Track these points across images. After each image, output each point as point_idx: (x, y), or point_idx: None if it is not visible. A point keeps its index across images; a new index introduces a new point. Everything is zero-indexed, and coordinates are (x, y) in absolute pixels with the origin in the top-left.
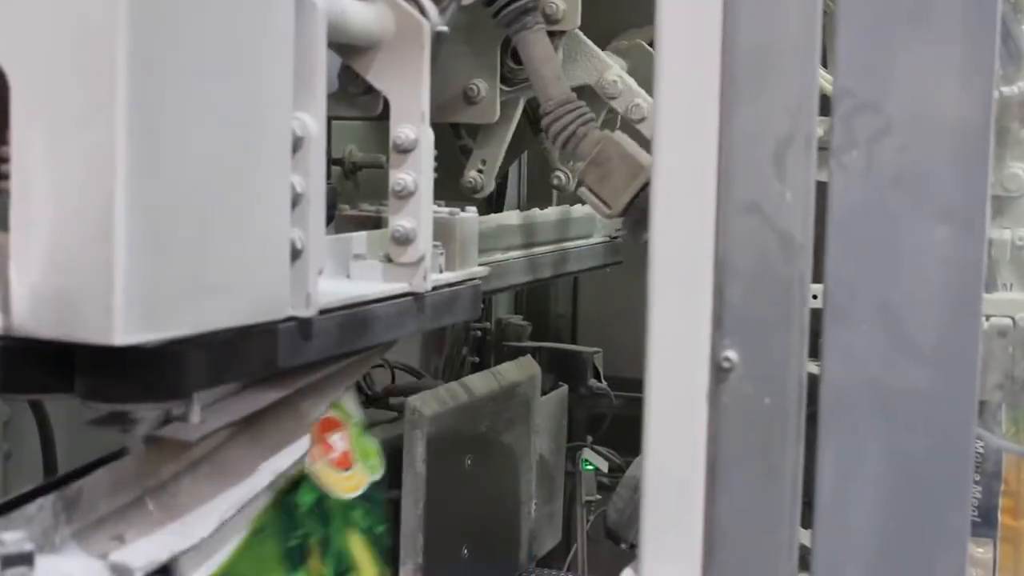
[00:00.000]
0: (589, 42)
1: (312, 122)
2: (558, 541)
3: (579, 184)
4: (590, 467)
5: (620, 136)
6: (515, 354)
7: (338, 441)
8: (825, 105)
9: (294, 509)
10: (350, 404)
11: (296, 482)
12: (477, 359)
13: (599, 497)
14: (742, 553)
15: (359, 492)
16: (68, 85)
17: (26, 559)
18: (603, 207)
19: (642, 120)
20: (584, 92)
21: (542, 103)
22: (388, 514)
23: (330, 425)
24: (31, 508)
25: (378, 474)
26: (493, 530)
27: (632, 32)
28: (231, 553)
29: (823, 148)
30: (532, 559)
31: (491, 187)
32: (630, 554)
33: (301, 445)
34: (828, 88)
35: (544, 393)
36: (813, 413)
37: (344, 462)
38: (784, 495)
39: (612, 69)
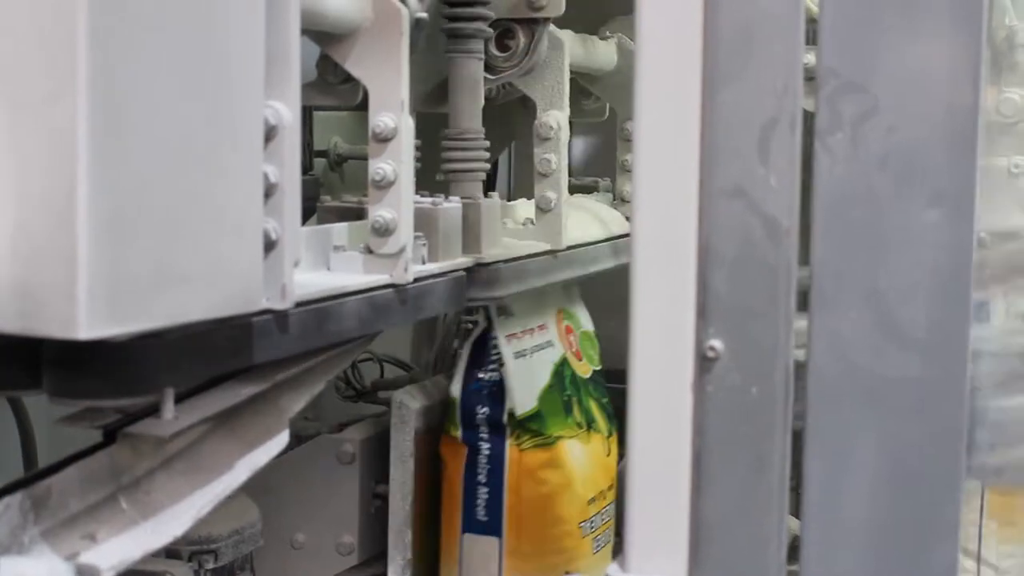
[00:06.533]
0: None
1: (286, 110)
2: None
3: None
4: None
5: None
6: None
7: (574, 340)
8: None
9: (563, 377)
10: (581, 314)
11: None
12: None
13: None
14: (730, 544)
15: (588, 375)
16: (29, 66)
17: None
18: None
19: None
20: None
21: (449, 127)
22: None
23: (568, 329)
24: None
25: (598, 365)
26: None
27: (621, 20)
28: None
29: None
30: None
31: None
32: None
33: (280, 440)
34: None
35: None
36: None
37: (578, 354)
38: (772, 485)
39: None
